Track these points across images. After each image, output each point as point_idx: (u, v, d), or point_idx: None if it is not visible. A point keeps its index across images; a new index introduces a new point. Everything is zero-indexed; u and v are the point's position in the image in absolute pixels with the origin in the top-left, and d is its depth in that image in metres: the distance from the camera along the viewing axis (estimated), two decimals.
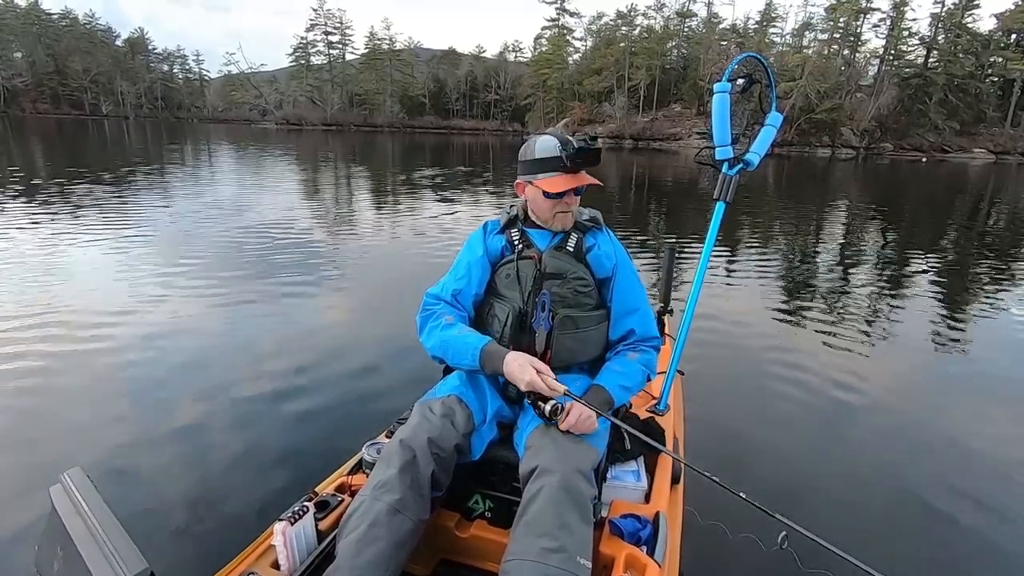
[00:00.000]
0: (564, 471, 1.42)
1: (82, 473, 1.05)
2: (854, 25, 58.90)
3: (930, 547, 2.50)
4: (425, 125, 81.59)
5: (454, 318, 1.72)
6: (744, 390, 3.96)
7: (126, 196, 11.39)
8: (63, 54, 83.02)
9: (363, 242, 8.35)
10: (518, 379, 1.53)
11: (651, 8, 79.58)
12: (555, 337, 1.73)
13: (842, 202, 16.81)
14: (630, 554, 1.49)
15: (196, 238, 7.96)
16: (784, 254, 8.73)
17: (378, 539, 1.36)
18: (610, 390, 1.68)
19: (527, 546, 1.32)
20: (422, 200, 13.15)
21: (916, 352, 4.80)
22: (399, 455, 1.50)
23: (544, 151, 1.73)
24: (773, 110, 2.27)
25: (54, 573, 1.00)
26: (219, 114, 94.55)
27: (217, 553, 2.10)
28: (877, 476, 2.97)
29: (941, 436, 3.43)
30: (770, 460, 3.08)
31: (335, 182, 16.99)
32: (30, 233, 7.62)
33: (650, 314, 1.87)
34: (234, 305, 5.14)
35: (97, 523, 0.94)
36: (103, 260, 6.50)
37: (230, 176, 17.19)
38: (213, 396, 3.45)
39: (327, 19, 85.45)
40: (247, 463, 2.83)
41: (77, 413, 3.23)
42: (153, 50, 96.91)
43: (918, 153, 51.88)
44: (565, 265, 1.77)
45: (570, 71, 73.27)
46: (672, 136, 55.96)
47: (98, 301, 5.07)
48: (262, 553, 1.46)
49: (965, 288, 7.16)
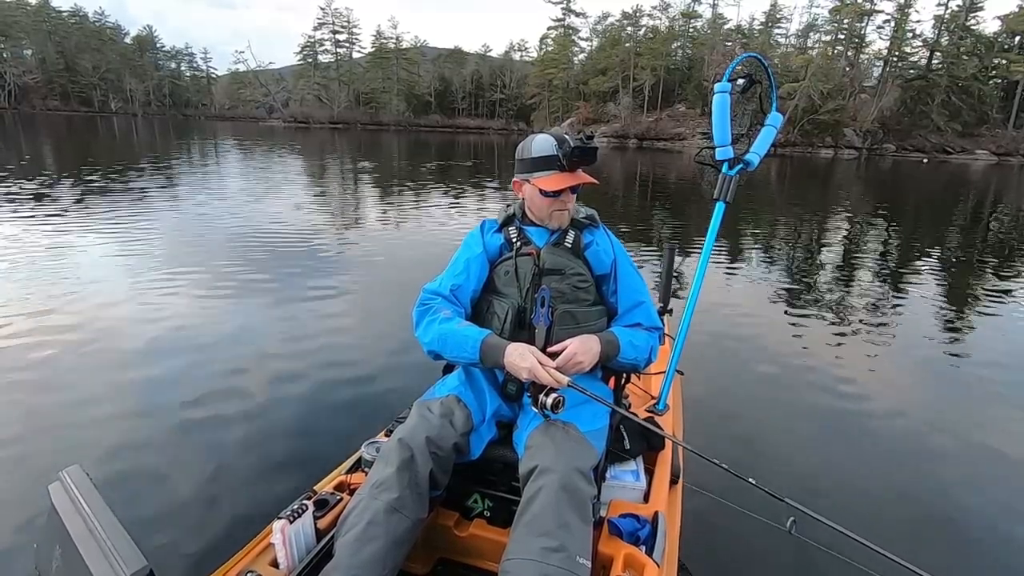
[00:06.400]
0: (563, 470, 1.42)
1: (81, 471, 1.05)
2: (858, 27, 58.85)
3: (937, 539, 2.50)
4: (431, 124, 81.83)
5: (451, 312, 1.72)
6: (744, 390, 3.94)
7: (132, 193, 11.40)
8: (73, 52, 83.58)
9: (365, 241, 8.34)
10: (519, 367, 1.52)
11: (656, 9, 79.84)
12: (555, 333, 1.73)
13: (843, 202, 16.76)
14: (629, 553, 1.49)
15: (199, 235, 7.97)
16: (785, 254, 8.71)
17: (376, 538, 1.37)
18: (619, 337, 1.72)
19: (526, 545, 1.32)
20: (426, 198, 13.14)
21: (916, 351, 4.78)
22: (397, 454, 1.50)
23: (541, 150, 1.74)
24: (773, 110, 2.27)
25: (53, 571, 1.01)
26: (226, 111, 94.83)
27: (216, 551, 2.12)
28: (879, 475, 2.96)
29: (942, 435, 3.40)
30: (770, 460, 3.07)
31: (341, 180, 16.99)
32: (36, 229, 7.64)
33: (653, 306, 1.89)
34: (234, 303, 5.14)
35: (96, 521, 0.94)
36: (107, 257, 6.52)
37: (237, 174, 17.20)
38: (213, 394, 3.45)
39: (335, 18, 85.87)
40: (246, 461, 2.83)
41: (76, 410, 3.23)
42: (161, 48, 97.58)
43: (920, 154, 51.80)
44: (564, 261, 1.78)
45: (575, 71, 73.36)
46: (676, 136, 55.95)
47: (100, 297, 5.08)
48: (261, 551, 1.47)
49: (966, 288, 7.13)
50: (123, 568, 0.86)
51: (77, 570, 0.89)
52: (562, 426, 1.57)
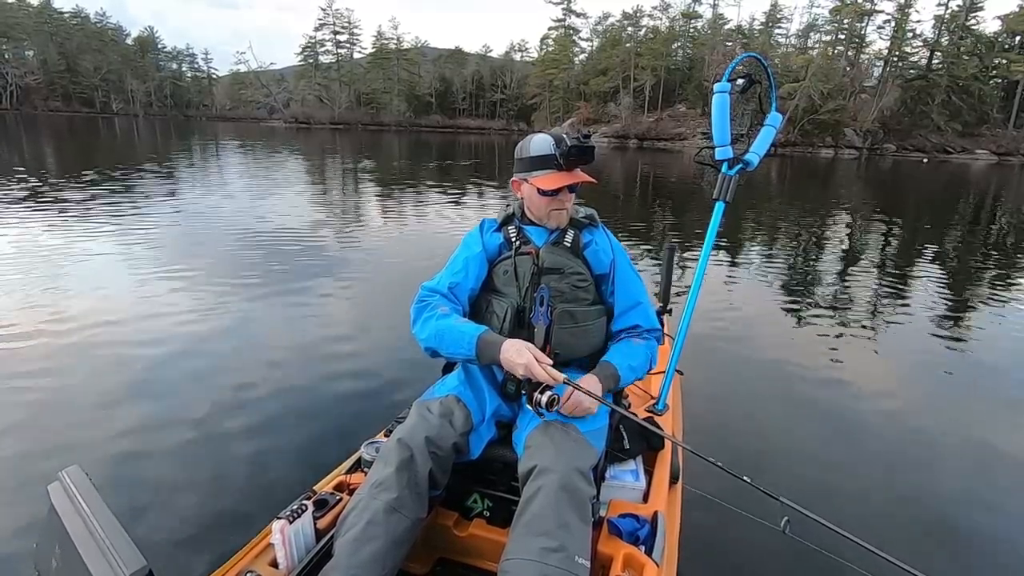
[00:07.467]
0: (563, 470, 1.42)
1: (80, 471, 1.05)
2: (858, 27, 58.86)
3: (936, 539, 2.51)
4: (432, 124, 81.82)
5: (449, 309, 1.72)
6: (744, 390, 3.94)
7: (133, 193, 11.40)
8: (74, 53, 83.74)
9: (365, 241, 8.35)
10: (515, 364, 1.51)
11: (657, 9, 79.78)
12: (554, 332, 1.73)
13: (843, 202, 16.76)
14: (628, 553, 1.49)
15: (200, 236, 7.98)
16: (785, 254, 8.71)
17: (375, 537, 1.37)
18: (618, 367, 1.71)
19: (526, 545, 1.32)
20: (426, 198, 13.13)
21: (916, 351, 4.78)
22: (396, 454, 1.50)
23: (539, 149, 1.74)
24: (773, 110, 2.27)
25: (52, 571, 1.00)
26: (227, 112, 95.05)
27: (216, 551, 2.12)
28: (878, 475, 2.96)
29: (942, 436, 3.40)
30: (770, 460, 3.07)
31: (342, 181, 17.00)
32: (37, 230, 7.64)
33: (651, 306, 1.89)
34: (234, 303, 5.14)
35: (95, 521, 0.94)
36: (108, 257, 6.52)
37: (238, 174, 17.20)
38: (213, 395, 3.45)
39: (335, 18, 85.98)
40: (246, 461, 2.83)
41: (76, 411, 3.23)
42: (162, 48, 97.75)
43: (921, 154, 51.81)
44: (563, 260, 1.78)
45: (576, 71, 73.39)
46: (677, 136, 55.91)
47: (101, 298, 5.08)
48: (261, 551, 1.47)
49: (966, 288, 7.12)
50: (122, 568, 0.86)
51: (76, 570, 0.89)
52: (561, 426, 1.57)
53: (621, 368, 1.71)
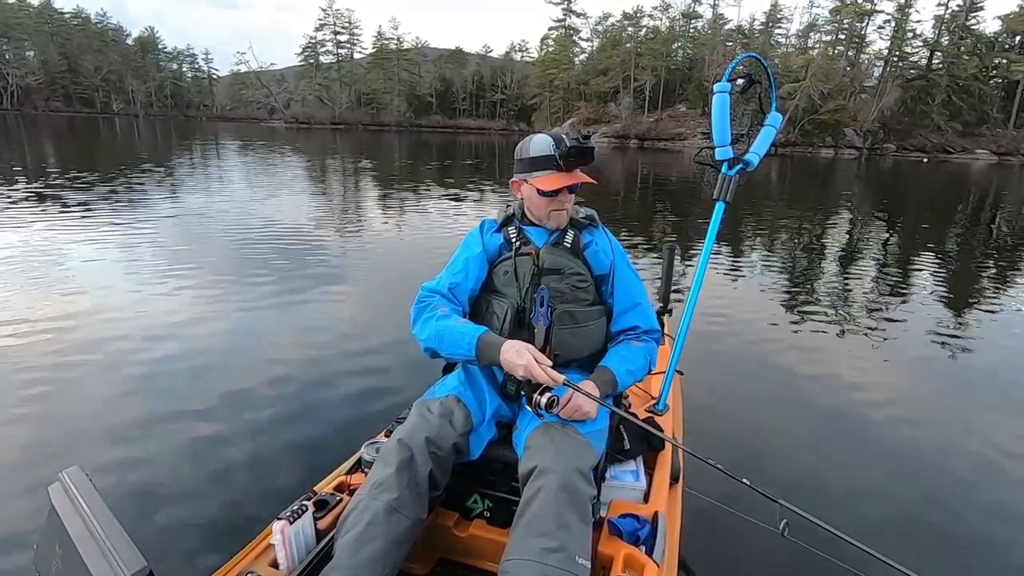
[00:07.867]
0: (563, 471, 1.42)
1: (81, 472, 1.05)
2: (858, 27, 58.88)
3: (932, 540, 2.50)
4: (432, 124, 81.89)
5: (449, 310, 1.72)
6: (744, 390, 3.94)
7: (134, 194, 11.40)
8: (75, 53, 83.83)
9: (365, 242, 8.35)
10: (515, 364, 1.51)
11: (657, 9, 79.81)
12: (554, 332, 1.73)
13: (843, 202, 16.75)
14: (629, 554, 1.48)
15: (200, 236, 7.97)
16: (785, 254, 8.70)
17: (376, 538, 1.37)
18: (616, 372, 1.71)
19: (526, 546, 1.32)
20: (427, 198, 13.13)
21: (916, 352, 4.77)
22: (397, 454, 1.50)
23: (538, 150, 1.74)
24: (773, 110, 2.27)
25: (53, 572, 1.00)
26: (228, 112, 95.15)
27: (216, 552, 2.12)
28: (878, 476, 2.95)
29: (941, 436, 3.40)
30: (770, 460, 3.07)
31: (342, 181, 17.00)
32: (37, 230, 7.64)
33: (650, 307, 1.89)
34: (235, 304, 5.14)
35: (96, 522, 0.94)
36: (108, 257, 6.51)
37: (238, 174, 17.19)
38: (213, 395, 3.45)
39: (336, 19, 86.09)
40: (246, 462, 2.83)
41: (76, 412, 3.23)
42: (163, 49, 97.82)
43: (921, 154, 51.82)
44: (563, 261, 1.78)
45: (576, 71, 73.40)
46: (677, 136, 55.95)
47: (100, 298, 5.08)
48: (261, 552, 1.47)
49: (966, 288, 7.12)
50: (123, 569, 0.86)
51: (77, 571, 0.89)
52: (562, 427, 1.57)
53: (619, 373, 1.71)
